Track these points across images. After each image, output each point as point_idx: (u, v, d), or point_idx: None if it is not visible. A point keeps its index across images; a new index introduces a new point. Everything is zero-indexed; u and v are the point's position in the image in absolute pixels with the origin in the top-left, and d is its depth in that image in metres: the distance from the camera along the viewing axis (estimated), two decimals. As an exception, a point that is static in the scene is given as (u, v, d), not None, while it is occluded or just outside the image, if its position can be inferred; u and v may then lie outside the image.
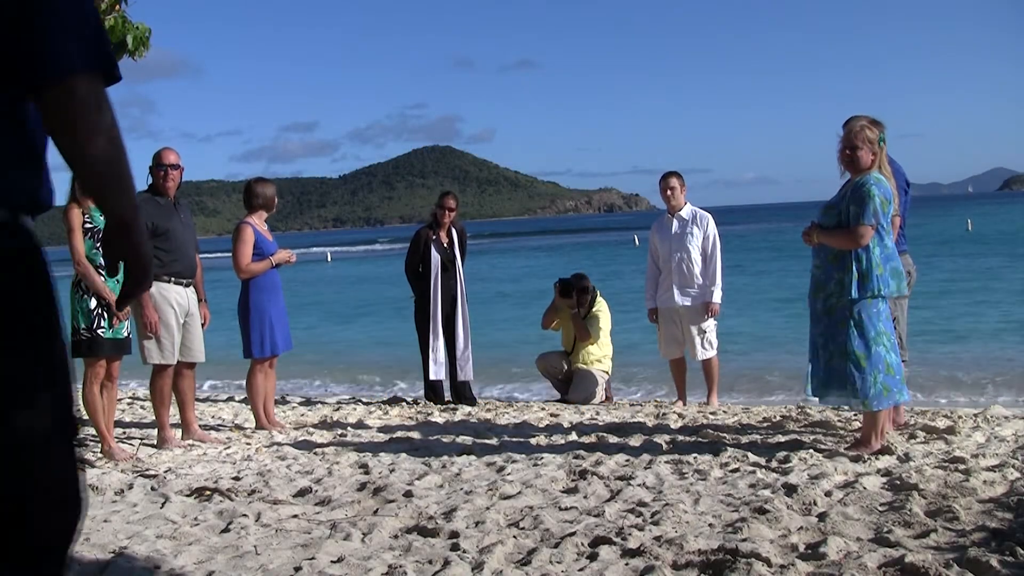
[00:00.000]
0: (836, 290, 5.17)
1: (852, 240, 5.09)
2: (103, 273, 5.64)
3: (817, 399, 5.32)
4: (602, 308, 8.67)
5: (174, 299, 6.11)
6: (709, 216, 7.91)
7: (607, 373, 8.55)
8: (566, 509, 4.22)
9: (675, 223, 7.87)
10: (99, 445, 5.82)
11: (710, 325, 7.81)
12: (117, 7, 6.14)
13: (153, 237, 6.03)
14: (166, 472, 5.30)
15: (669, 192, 7.90)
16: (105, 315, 5.64)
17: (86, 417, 6.14)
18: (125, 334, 5.79)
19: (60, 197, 6.07)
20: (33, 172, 1.67)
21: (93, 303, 5.61)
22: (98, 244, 5.64)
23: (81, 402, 6.15)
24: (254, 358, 6.76)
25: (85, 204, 5.64)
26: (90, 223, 5.65)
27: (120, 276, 6.05)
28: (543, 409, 7.68)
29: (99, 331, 5.61)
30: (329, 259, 55.90)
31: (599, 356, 8.52)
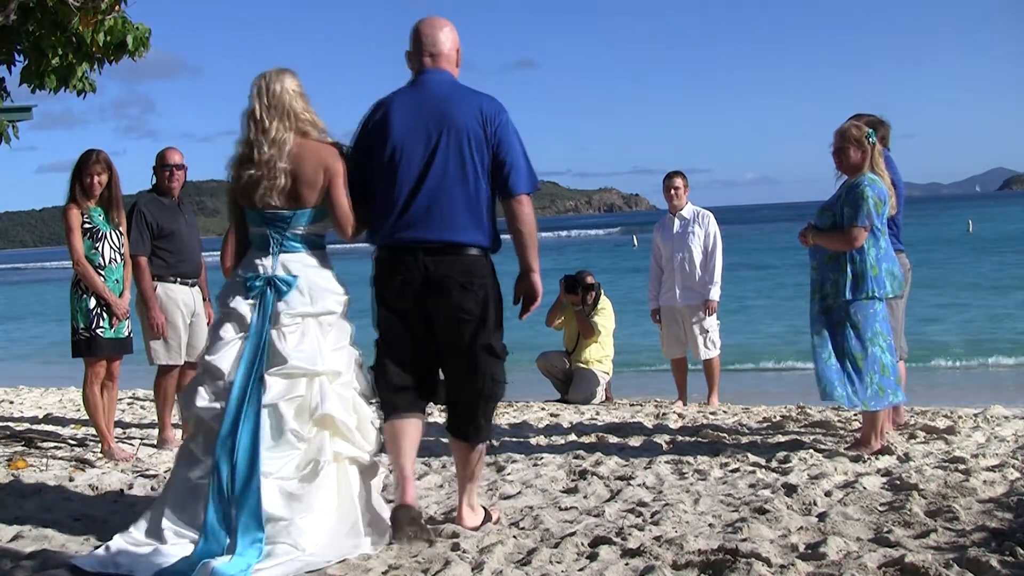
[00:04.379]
0: (832, 291, 5.18)
1: (846, 242, 5.11)
2: (102, 273, 5.63)
3: (832, 399, 5.30)
4: (606, 307, 8.65)
5: (180, 300, 6.11)
6: (711, 215, 7.92)
7: (608, 373, 8.54)
8: (566, 509, 4.22)
9: (677, 223, 7.87)
10: (99, 445, 5.81)
11: (713, 325, 7.80)
12: (117, 7, 6.13)
13: (158, 239, 6.03)
14: (166, 472, 5.29)
15: (673, 191, 7.89)
16: (104, 315, 5.61)
17: (86, 417, 6.14)
18: (126, 333, 5.77)
19: (60, 198, 6.06)
20: (497, 234, 3.81)
21: (92, 303, 5.59)
22: (97, 244, 5.63)
23: (81, 402, 6.15)
24: None
25: (84, 205, 5.63)
26: (89, 223, 5.63)
27: (118, 276, 5.98)
28: (543, 409, 7.67)
29: (98, 331, 5.60)
30: None
31: (600, 356, 8.50)
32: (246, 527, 3.32)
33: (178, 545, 3.40)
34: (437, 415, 7.42)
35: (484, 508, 4.01)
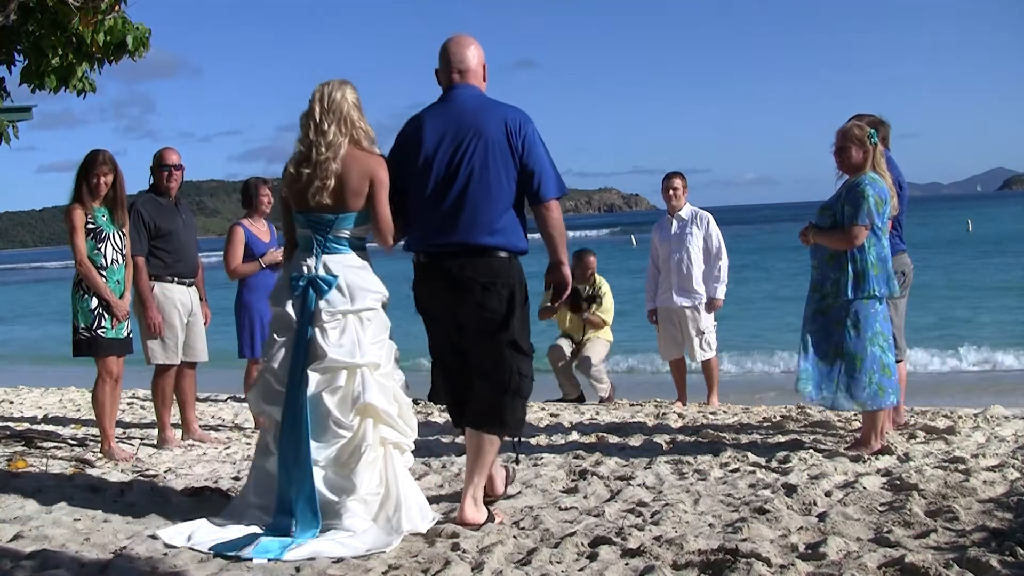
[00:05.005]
0: (832, 290, 5.19)
1: (847, 240, 5.11)
2: (104, 274, 5.63)
3: (809, 398, 5.31)
4: (605, 290, 8.63)
5: (178, 300, 6.12)
6: (709, 216, 7.90)
7: (610, 341, 8.69)
8: (566, 509, 4.22)
9: (674, 223, 7.87)
10: (99, 445, 5.81)
11: (709, 326, 7.80)
12: (117, 7, 6.13)
13: (156, 239, 6.04)
14: (166, 472, 5.30)
15: (671, 192, 7.88)
16: (106, 315, 5.61)
17: (86, 417, 6.13)
18: (126, 333, 5.77)
19: (60, 198, 6.03)
20: (524, 237, 4.00)
21: (94, 303, 5.58)
22: (100, 245, 5.62)
23: (81, 402, 6.15)
24: (247, 359, 6.74)
25: (88, 205, 5.63)
26: (92, 223, 5.62)
27: (119, 277, 5.99)
28: (543, 409, 7.67)
29: (99, 331, 5.59)
30: None
31: (604, 330, 8.64)
32: (303, 517, 3.69)
33: (255, 523, 3.81)
34: (437, 415, 7.43)
35: (488, 509, 4.03)
